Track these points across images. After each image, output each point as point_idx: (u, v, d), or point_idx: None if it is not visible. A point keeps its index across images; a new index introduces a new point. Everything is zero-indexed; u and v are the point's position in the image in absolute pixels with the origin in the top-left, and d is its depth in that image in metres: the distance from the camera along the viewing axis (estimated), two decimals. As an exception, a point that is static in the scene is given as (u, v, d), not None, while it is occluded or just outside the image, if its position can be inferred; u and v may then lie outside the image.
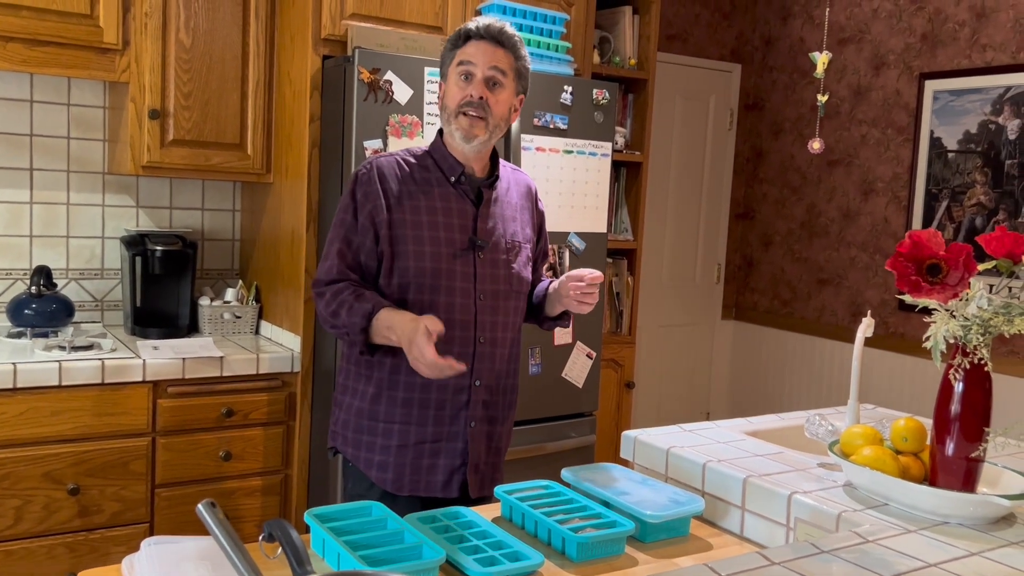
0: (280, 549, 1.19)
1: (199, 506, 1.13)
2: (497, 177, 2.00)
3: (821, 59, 1.89)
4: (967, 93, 3.82)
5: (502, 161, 2.07)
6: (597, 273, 1.93)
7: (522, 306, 2.05)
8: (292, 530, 1.19)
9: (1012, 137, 3.67)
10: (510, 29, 1.92)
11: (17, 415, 2.44)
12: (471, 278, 1.93)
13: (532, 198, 2.11)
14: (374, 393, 1.94)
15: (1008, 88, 3.67)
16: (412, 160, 1.97)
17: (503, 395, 2.03)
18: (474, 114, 1.88)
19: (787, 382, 4.68)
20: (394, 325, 1.79)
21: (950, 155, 3.90)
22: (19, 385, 2.43)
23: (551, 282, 2.09)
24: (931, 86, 3.96)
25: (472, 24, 1.92)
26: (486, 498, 1.98)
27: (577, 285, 1.93)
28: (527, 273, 2.05)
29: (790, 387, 4.66)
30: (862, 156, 4.28)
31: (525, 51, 1.95)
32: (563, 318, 2.13)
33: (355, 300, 1.86)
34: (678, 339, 4.82)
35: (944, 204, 3.92)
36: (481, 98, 1.88)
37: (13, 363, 2.44)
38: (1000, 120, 3.71)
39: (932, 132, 3.96)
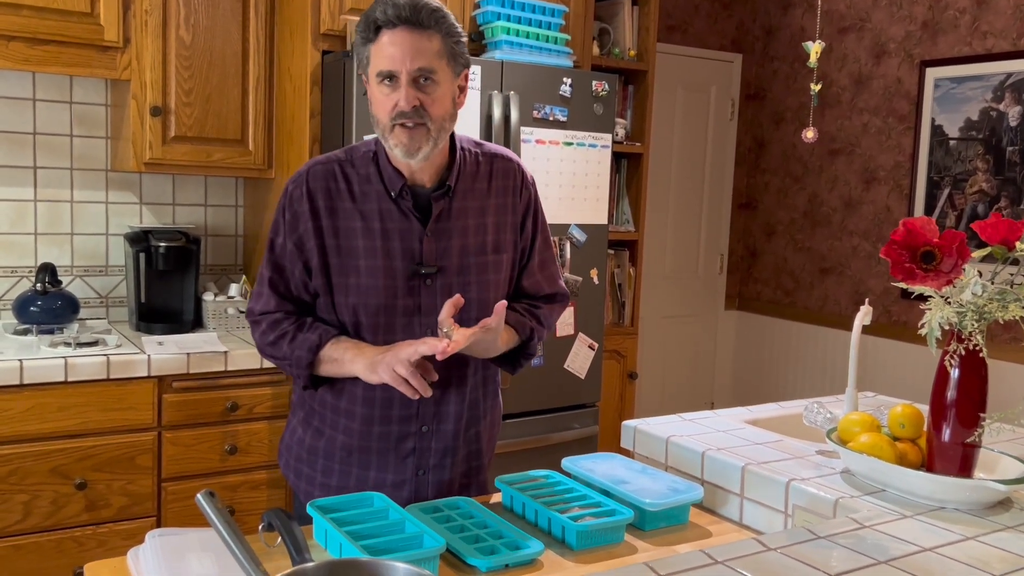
0: (280, 539, 1.20)
1: (198, 496, 1.15)
2: (449, 188, 1.68)
3: (814, 48, 1.90)
4: (968, 80, 3.82)
5: (475, 145, 1.77)
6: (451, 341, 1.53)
7: None
8: (291, 519, 1.21)
9: (1013, 124, 3.66)
10: (430, 2, 1.58)
11: (24, 411, 2.47)
12: (415, 311, 1.66)
13: (514, 186, 1.77)
14: (316, 426, 1.75)
15: (1009, 75, 3.67)
16: (353, 169, 1.67)
17: (466, 432, 1.77)
18: (411, 124, 1.58)
19: (791, 371, 4.68)
20: (359, 354, 1.60)
21: (951, 143, 3.89)
22: (26, 381, 2.45)
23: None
24: (932, 74, 3.96)
25: (379, 9, 1.56)
26: None
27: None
28: (499, 292, 1.74)
29: (794, 376, 4.66)
30: (863, 145, 4.28)
31: (453, 22, 1.60)
32: (506, 362, 1.79)
33: (298, 330, 1.65)
34: (681, 330, 4.83)
35: (946, 192, 3.92)
36: (415, 106, 1.57)
37: (20, 360, 2.46)
38: (1001, 107, 3.70)
39: (933, 120, 3.96)
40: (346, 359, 1.62)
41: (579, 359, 3.17)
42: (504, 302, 1.60)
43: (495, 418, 1.87)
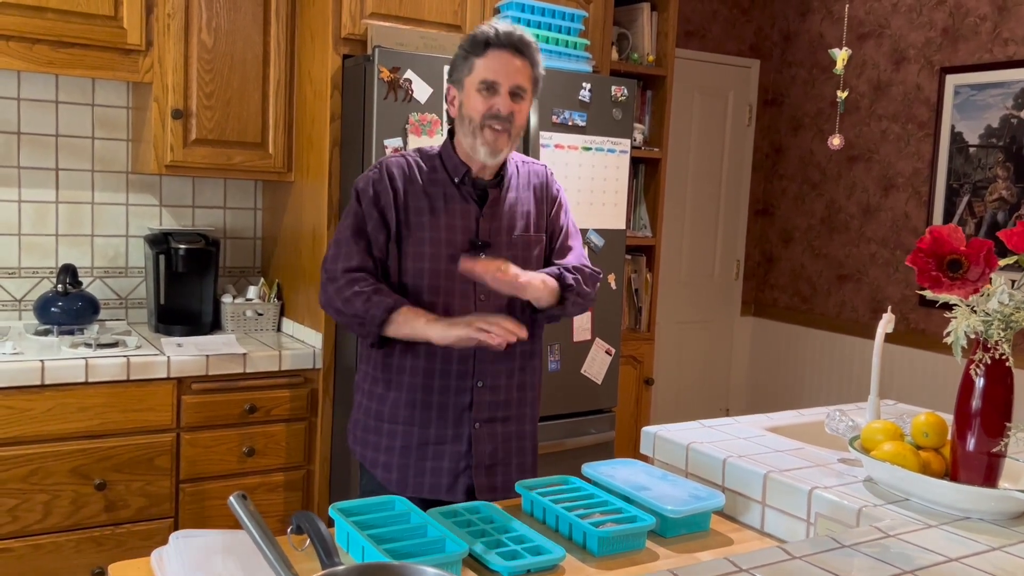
0: (308, 541, 1.21)
1: (231, 499, 1.15)
2: (502, 177, 2.02)
3: (841, 55, 1.89)
4: (988, 87, 3.80)
5: (514, 154, 2.09)
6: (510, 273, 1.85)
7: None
8: (320, 522, 1.21)
9: (1034, 131, 3.64)
10: (529, 37, 1.94)
11: (45, 411, 2.48)
12: (470, 279, 1.93)
13: (544, 185, 2.11)
14: (380, 393, 2.00)
15: (1030, 82, 3.65)
16: (421, 161, 2.01)
17: (517, 392, 2.05)
18: (499, 128, 1.91)
19: (807, 379, 4.66)
20: (434, 320, 1.86)
21: (971, 150, 3.87)
22: (47, 382, 2.47)
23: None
24: (952, 80, 3.94)
25: (491, 30, 1.91)
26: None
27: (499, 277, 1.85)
28: (539, 266, 2.06)
29: (810, 384, 4.64)
30: (882, 151, 4.26)
31: (540, 58, 1.97)
32: (551, 313, 2.05)
33: (374, 292, 1.88)
34: (697, 336, 4.82)
35: (965, 199, 3.90)
36: (509, 112, 1.91)
37: (41, 360, 2.48)
38: (1022, 114, 3.68)
39: (953, 127, 3.94)
40: (419, 324, 1.87)
41: (596, 364, 3.16)
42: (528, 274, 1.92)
43: (537, 391, 2.13)
